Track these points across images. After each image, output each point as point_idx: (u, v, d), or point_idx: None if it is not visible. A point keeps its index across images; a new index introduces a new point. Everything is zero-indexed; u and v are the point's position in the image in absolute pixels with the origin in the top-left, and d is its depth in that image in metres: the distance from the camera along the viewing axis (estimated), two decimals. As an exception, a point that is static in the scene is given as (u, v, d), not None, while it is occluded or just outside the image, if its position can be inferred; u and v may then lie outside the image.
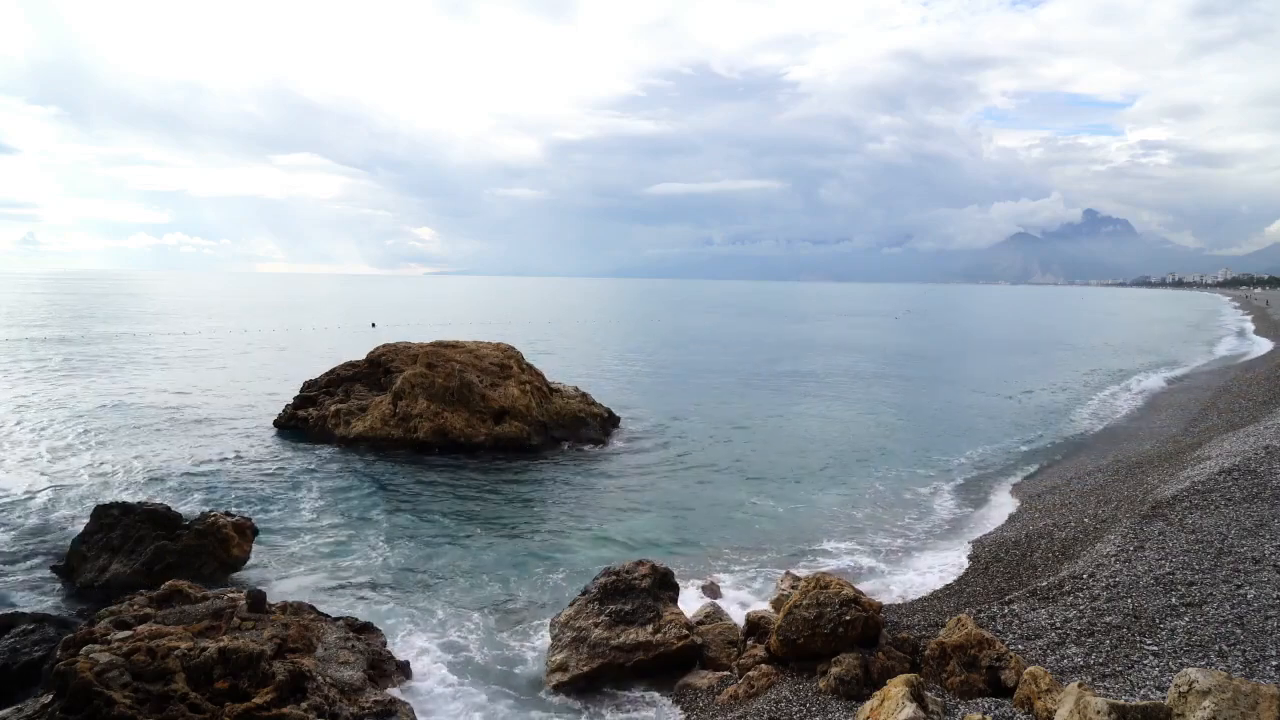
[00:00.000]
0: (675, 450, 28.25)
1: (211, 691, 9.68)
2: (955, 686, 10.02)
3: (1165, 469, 21.52)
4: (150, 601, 11.86)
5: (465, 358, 29.99)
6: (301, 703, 9.90)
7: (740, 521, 20.30)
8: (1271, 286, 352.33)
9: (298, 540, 18.35)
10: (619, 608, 12.99)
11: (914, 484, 24.00)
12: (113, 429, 29.48)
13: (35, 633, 11.79)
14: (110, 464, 24.52)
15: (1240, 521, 14.42)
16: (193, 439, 28.11)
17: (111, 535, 16.22)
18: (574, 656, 12.49)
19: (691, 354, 64.09)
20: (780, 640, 11.59)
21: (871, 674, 10.59)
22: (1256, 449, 20.06)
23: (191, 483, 22.74)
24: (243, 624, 11.23)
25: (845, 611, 11.26)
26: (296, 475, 23.94)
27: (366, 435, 27.66)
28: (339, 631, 12.09)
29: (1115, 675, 9.53)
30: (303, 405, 30.77)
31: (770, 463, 26.53)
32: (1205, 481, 17.56)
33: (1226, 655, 9.54)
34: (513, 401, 28.65)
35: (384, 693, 11.15)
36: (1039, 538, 17.09)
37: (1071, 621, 11.26)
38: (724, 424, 33.13)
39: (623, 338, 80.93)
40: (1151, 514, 15.93)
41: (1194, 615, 10.78)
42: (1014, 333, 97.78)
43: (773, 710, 10.28)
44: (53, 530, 18.52)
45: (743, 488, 23.46)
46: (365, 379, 31.27)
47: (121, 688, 9.27)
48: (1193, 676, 6.74)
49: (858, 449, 28.73)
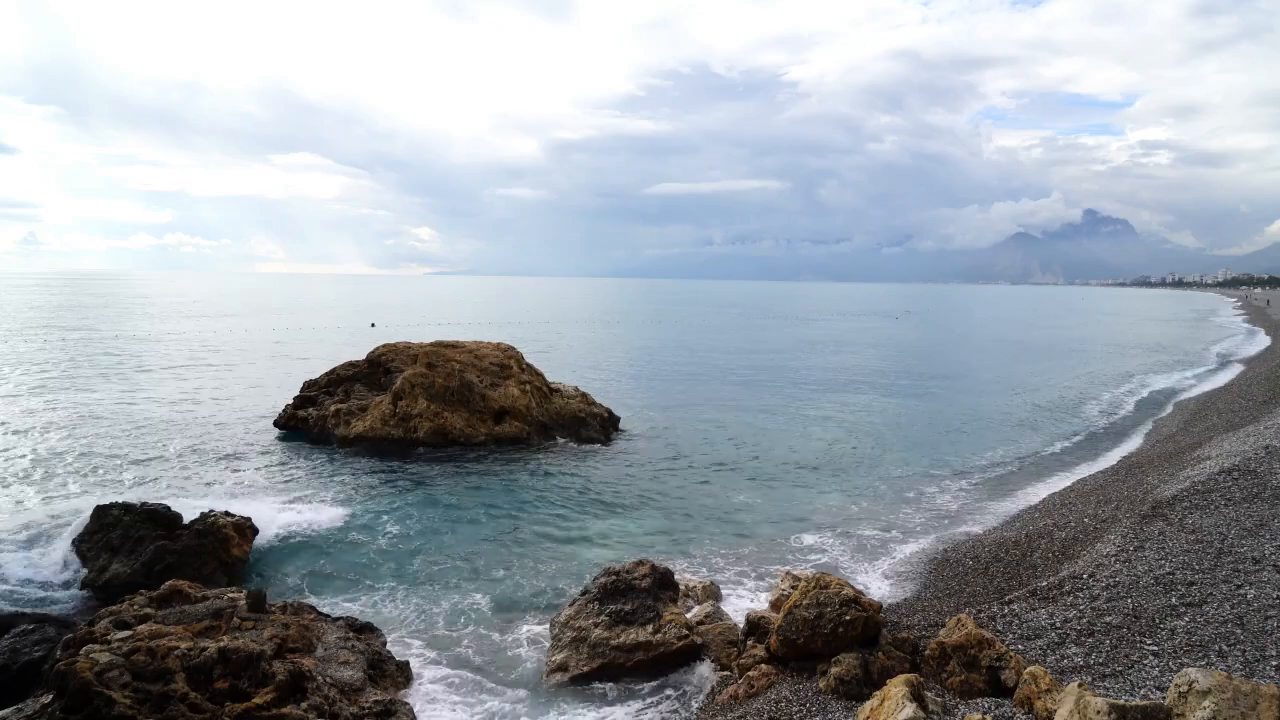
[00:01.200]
0: (675, 450, 28.25)
1: (211, 691, 9.68)
2: (955, 686, 10.02)
3: (1165, 469, 21.53)
4: (150, 601, 11.86)
5: (465, 358, 29.99)
6: (301, 703, 9.90)
7: (740, 521, 20.29)
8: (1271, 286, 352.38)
9: (298, 540, 18.34)
10: (619, 608, 13.00)
11: (915, 484, 24.00)
12: (113, 429, 29.48)
13: (35, 633, 11.79)
14: (110, 464, 24.52)
15: (1240, 521, 14.42)
16: (193, 439, 28.11)
17: (111, 535, 16.23)
18: (574, 656, 12.49)
19: (692, 354, 64.09)
20: (780, 640, 11.58)
21: (871, 674, 10.58)
22: (1256, 449, 20.07)
23: (191, 483, 22.74)
24: (243, 624, 11.23)
25: (845, 611, 11.26)
26: (296, 475, 23.94)
27: (366, 435, 27.65)
28: (339, 631, 12.09)
29: (1115, 675, 9.53)
30: (303, 405, 30.76)
31: (771, 462, 26.53)
32: (1205, 481, 17.57)
33: (1226, 655, 9.54)
34: (513, 401, 28.65)
35: (384, 693, 11.15)
36: (1039, 538, 17.09)
37: (1071, 621, 11.26)
38: (724, 424, 33.13)
39: (623, 337, 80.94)
40: (1151, 514, 15.93)
41: (1194, 615, 10.78)
42: (1014, 333, 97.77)
43: (773, 710, 10.28)
44: (53, 530, 18.50)
45: (743, 487, 23.46)
46: (365, 379, 31.26)
47: (121, 688, 9.27)
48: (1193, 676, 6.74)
49: (859, 449, 28.73)
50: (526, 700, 11.92)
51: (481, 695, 12.00)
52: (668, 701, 11.77)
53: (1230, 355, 62.04)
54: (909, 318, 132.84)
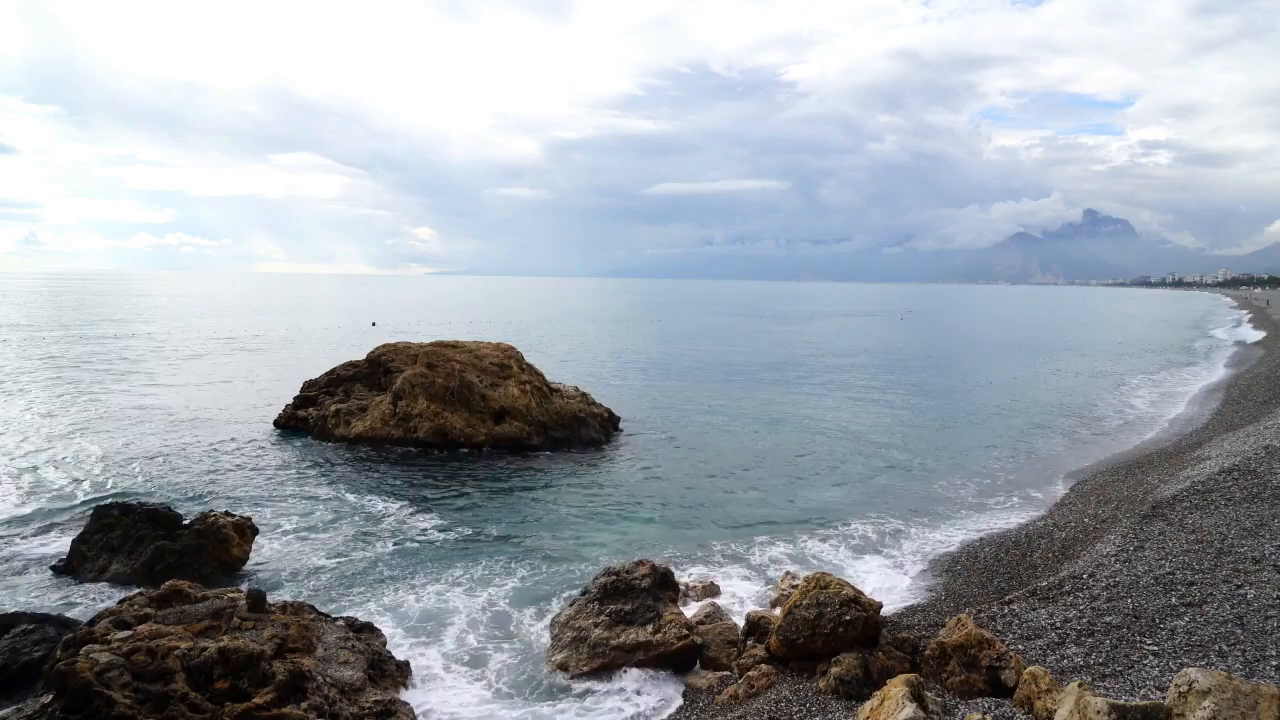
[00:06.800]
0: (675, 450, 28.24)
1: (211, 691, 9.68)
2: (955, 686, 10.02)
3: (1165, 469, 21.53)
4: (150, 601, 11.85)
5: (465, 358, 29.99)
6: (301, 703, 9.89)
7: (741, 521, 20.29)
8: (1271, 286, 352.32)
9: (298, 540, 18.35)
10: (619, 608, 12.99)
11: (915, 484, 24.00)
12: (113, 429, 29.49)
13: (35, 633, 11.79)
14: (110, 464, 24.53)
15: (1240, 521, 14.42)
16: (193, 439, 28.11)
17: (111, 535, 16.24)
18: (574, 656, 12.49)
19: (692, 354, 64.08)
20: (780, 640, 11.58)
21: (871, 674, 10.58)
22: (1256, 449, 20.07)
23: (191, 483, 22.74)
24: (243, 624, 11.22)
25: (845, 611, 11.25)
26: (296, 475, 23.95)
27: (366, 435, 27.66)
28: (339, 631, 12.08)
29: (1115, 675, 9.53)
30: (303, 405, 30.77)
31: (771, 462, 26.52)
32: (1205, 481, 17.57)
33: (1226, 655, 9.53)
34: (513, 401, 28.65)
35: (384, 692, 11.15)
36: (1039, 538, 17.10)
37: (1071, 621, 11.26)
38: (724, 424, 33.14)
39: (623, 337, 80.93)
40: (1151, 514, 15.94)
41: (1194, 615, 10.78)
42: (1015, 333, 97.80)
43: (773, 710, 10.27)
44: (53, 530, 18.52)
45: (743, 487, 23.45)
46: (365, 379, 31.27)
47: (121, 688, 9.27)
48: (1193, 676, 6.73)
49: (860, 448, 28.72)
50: (527, 700, 11.92)
51: (482, 695, 11.99)
52: (668, 701, 11.77)
53: (1230, 356, 62.01)
54: (912, 317, 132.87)
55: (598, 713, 11.58)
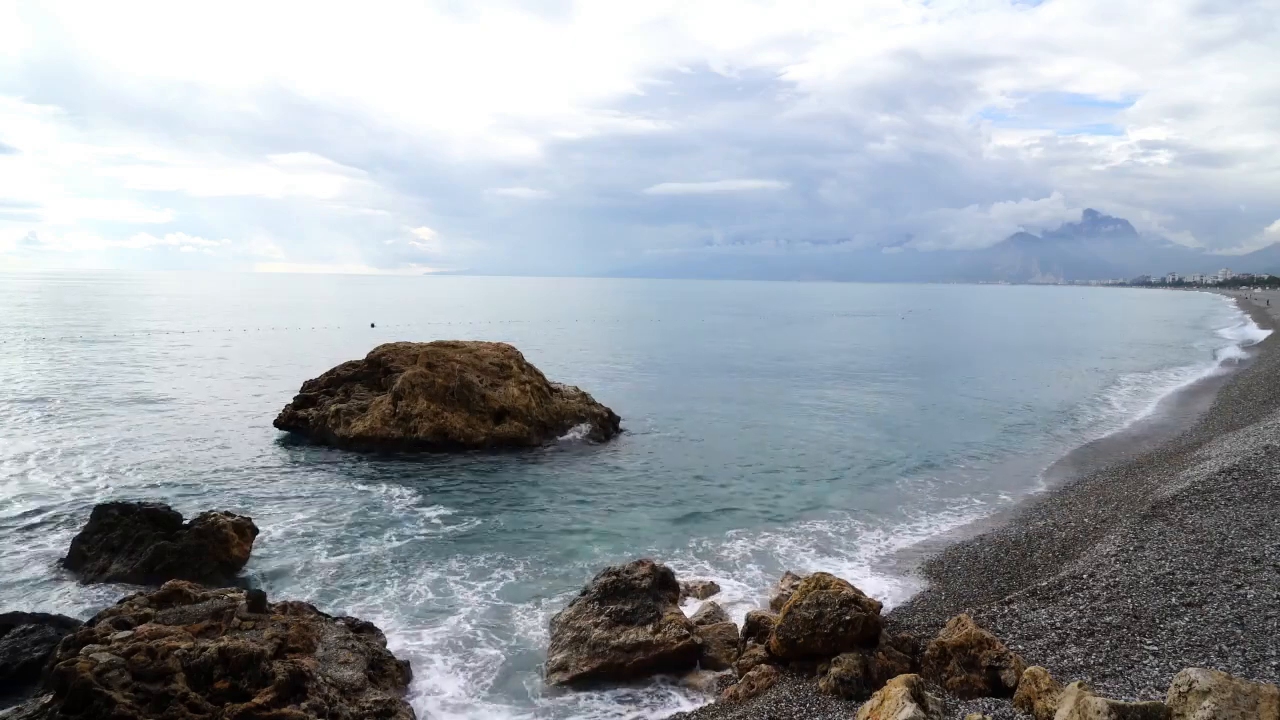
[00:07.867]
0: (675, 449, 28.24)
1: (211, 691, 9.68)
2: (955, 686, 10.02)
3: (1165, 469, 21.54)
4: (150, 601, 11.85)
5: (465, 358, 29.99)
6: (301, 703, 9.89)
7: (741, 521, 20.28)
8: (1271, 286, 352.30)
9: (297, 540, 18.35)
10: (619, 608, 13.00)
11: (915, 484, 24.00)
12: (112, 429, 29.48)
13: (35, 633, 11.80)
14: (110, 464, 24.52)
15: (1240, 521, 14.42)
16: (193, 439, 28.11)
17: (111, 535, 16.24)
18: (574, 656, 12.49)
19: (692, 353, 64.09)
20: (780, 640, 11.58)
21: (871, 674, 10.58)
22: (1256, 449, 20.07)
23: (191, 483, 22.74)
24: (243, 624, 11.22)
25: (845, 611, 11.26)
26: (296, 475, 23.94)
27: (366, 435, 27.65)
28: (339, 631, 12.08)
29: (1115, 675, 9.53)
30: (303, 405, 30.75)
31: (772, 462, 26.51)
32: (1205, 481, 17.57)
33: (1226, 655, 9.54)
34: (513, 401, 28.65)
35: (384, 692, 11.15)
36: (1039, 538, 17.09)
37: (1071, 621, 11.26)
38: (724, 424, 33.13)
39: (623, 337, 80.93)
40: (1151, 514, 15.94)
41: (1194, 615, 10.78)
42: (1015, 333, 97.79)
43: (773, 710, 10.27)
44: (52, 530, 18.52)
45: (743, 487, 23.44)
46: (365, 379, 31.25)
47: (121, 688, 9.27)
48: (1193, 676, 6.73)
49: (860, 448, 28.72)
50: (526, 700, 11.92)
51: (481, 694, 12.00)
52: (668, 701, 11.77)
53: (1230, 356, 62.01)
54: (913, 317, 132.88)
55: (597, 713, 11.58)
